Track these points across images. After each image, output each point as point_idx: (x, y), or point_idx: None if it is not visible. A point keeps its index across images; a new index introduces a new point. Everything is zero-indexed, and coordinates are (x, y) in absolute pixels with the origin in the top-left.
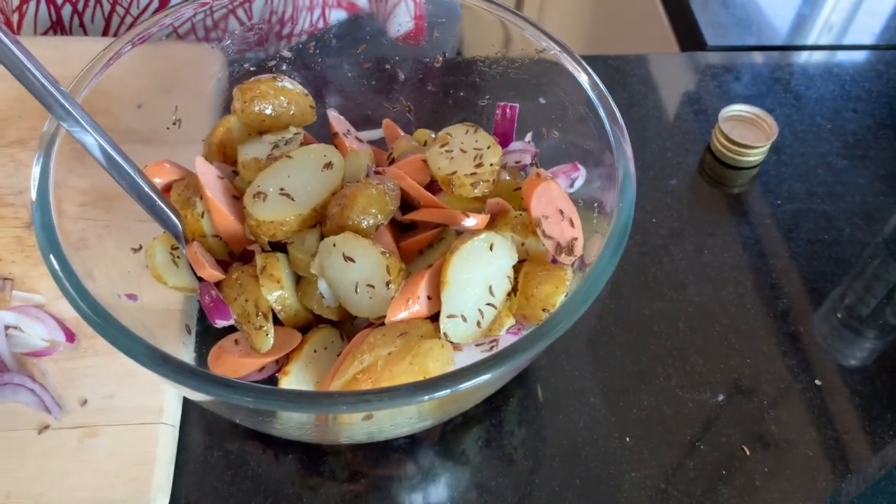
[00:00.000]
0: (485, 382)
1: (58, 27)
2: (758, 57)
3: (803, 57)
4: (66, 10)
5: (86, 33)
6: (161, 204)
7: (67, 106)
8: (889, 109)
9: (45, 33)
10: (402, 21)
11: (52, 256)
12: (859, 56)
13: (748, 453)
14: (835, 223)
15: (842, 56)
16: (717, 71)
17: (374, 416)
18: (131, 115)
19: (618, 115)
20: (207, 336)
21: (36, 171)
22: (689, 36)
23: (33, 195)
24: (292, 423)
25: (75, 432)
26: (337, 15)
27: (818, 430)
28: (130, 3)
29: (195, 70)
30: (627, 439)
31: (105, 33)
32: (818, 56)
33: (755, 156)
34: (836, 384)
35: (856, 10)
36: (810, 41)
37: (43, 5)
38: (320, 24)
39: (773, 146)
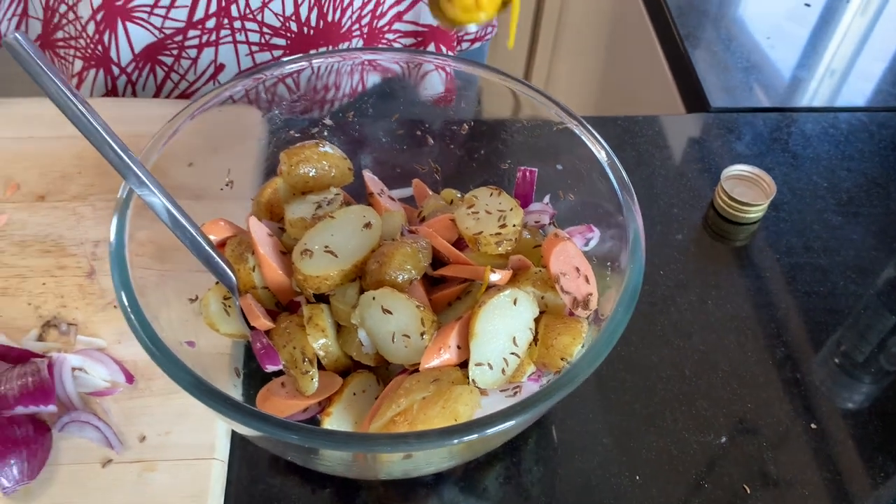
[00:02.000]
0: (512, 427)
1: (112, 94)
2: (759, 118)
3: (801, 118)
4: (122, 80)
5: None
6: (218, 259)
7: (140, 174)
8: (881, 168)
9: None
10: (434, 87)
11: (132, 315)
12: (853, 118)
13: (749, 492)
14: (830, 276)
15: (837, 118)
16: (720, 132)
17: (413, 455)
18: (182, 172)
19: (629, 185)
20: (252, 378)
21: (113, 233)
22: (694, 98)
23: (111, 255)
24: (339, 460)
25: (135, 466)
26: (373, 79)
27: (815, 470)
28: (187, 71)
29: (240, 131)
30: (637, 477)
31: (156, 96)
32: (815, 118)
33: (755, 213)
34: (831, 427)
35: (847, 73)
36: (807, 103)
37: (101, 74)
38: (359, 88)
39: (773, 203)
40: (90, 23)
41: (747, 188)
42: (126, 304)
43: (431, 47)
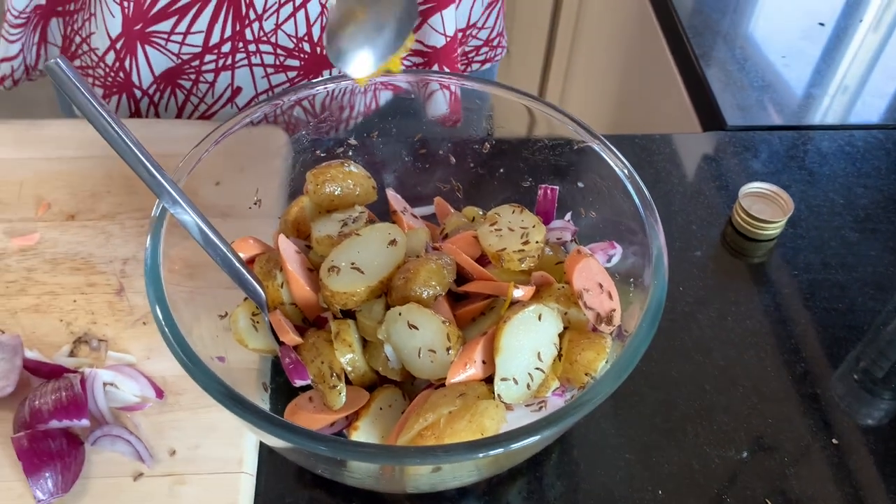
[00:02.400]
0: (538, 441)
1: (135, 117)
2: (775, 136)
3: (817, 136)
4: (144, 102)
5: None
6: (247, 275)
7: (174, 193)
8: None
9: None
10: (438, 106)
11: (167, 329)
12: (869, 135)
13: None
14: (848, 292)
15: (853, 135)
16: (736, 149)
17: (441, 468)
18: (211, 191)
19: (651, 203)
20: (279, 393)
21: (148, 250)
22: (710, 117)
23: (147, 271)
24: (367, 473)
25: (166, 480)
26: (385, 95)
27: (836, 486)
28: (205, 94)
29: (266, 151)
30: (660, 492)
31: (178, 118)
32: (831, 135)
33: (773, 230)
34: (852, 443)
35: (860, 91)
36: (820, 121)
37: (124, 99)
38: (373, 106)
39: (790, 220)
40: (109, 53)
41: (765, 205)
42: (161, 318)
43: (435, 67)
